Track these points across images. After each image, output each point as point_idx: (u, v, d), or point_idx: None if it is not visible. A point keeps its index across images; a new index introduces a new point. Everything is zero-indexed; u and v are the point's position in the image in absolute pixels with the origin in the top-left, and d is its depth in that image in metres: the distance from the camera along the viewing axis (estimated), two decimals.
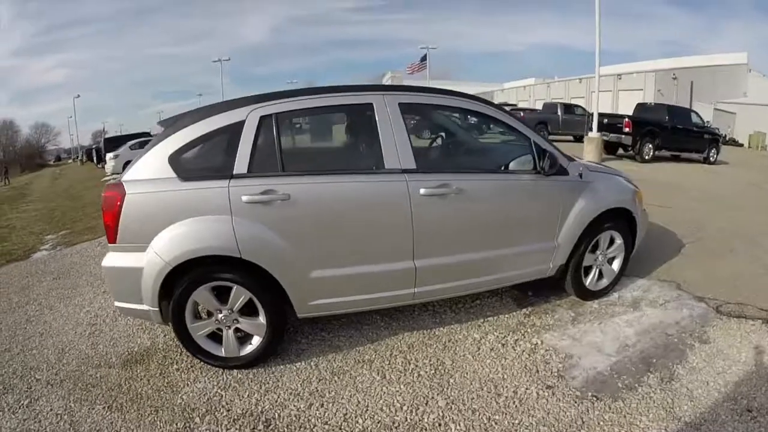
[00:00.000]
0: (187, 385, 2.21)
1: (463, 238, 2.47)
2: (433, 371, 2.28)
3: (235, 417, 1.96)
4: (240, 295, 2.17)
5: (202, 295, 2.16)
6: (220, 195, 2.06)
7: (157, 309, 2.16)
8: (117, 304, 2.26)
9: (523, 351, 2.46)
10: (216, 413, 1.99)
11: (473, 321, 2.79)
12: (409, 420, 1.93)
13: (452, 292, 2.58)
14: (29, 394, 2.21)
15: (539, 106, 20.57)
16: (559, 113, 15.69)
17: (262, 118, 2.18)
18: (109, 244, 2.16)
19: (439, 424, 1.91)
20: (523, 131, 2.66)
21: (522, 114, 16.76)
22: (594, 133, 10.95)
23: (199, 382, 2.22)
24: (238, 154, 2.12)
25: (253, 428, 1.88)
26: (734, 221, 5.08)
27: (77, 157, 41.90)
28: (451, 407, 2.01)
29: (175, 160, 2.13)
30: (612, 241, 2.99)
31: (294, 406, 2.02)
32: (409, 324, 2.74)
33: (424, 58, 44.46)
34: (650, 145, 10.66)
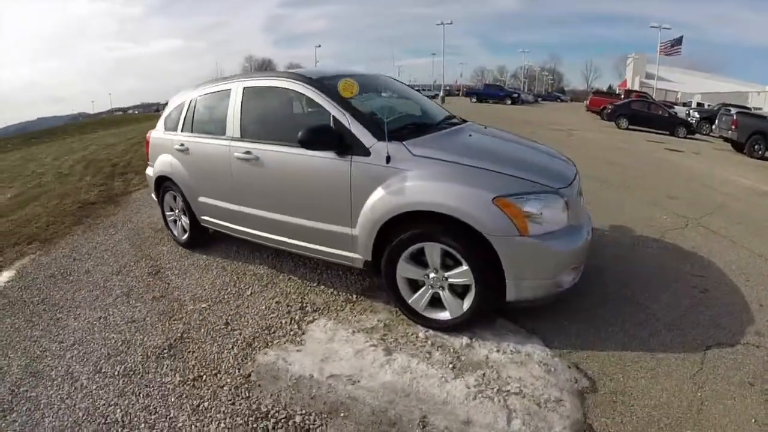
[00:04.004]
0: (162, 245, 4.15)
1: (267, 199, 3.03)
2: (237, 292, 3.11)
3: (158, 268, 3.68)
4: (179, 201, 3.89)
5: (168, 198, 4.03)
6: (170, 143, 3.81)
7: (157, 200, 4.16)
8: (152, 195, 4.34)
9: (286, 319, 2.71)
10: (155, 261, 3.81)
11: (314, 283, 3.17)
12: (198, 299, 3.06)
13: (273, 244, 3.15)
14: (113, 234, 4.59)
15: None
16: None
17: (191, 101, 3.75)
18: (147, 162, 4.21)
19: (199, 314, 2.85)
20: (328, 108, 2.68)
21: (734, 118, 12.85)
22: None
23: (165, 247, 4.12)
24: (180, 121, 3.79)
25: (157, 272, 3.59)
26: None
27: None
28: (208, 310, 2.90)
29: (165, 121, 4.03)
30: (457, 263, 2.32)
31: (184, 276, 3.51)
32: (282, 266, 3.48)
33: (678, 41, 37.95)
34: None
